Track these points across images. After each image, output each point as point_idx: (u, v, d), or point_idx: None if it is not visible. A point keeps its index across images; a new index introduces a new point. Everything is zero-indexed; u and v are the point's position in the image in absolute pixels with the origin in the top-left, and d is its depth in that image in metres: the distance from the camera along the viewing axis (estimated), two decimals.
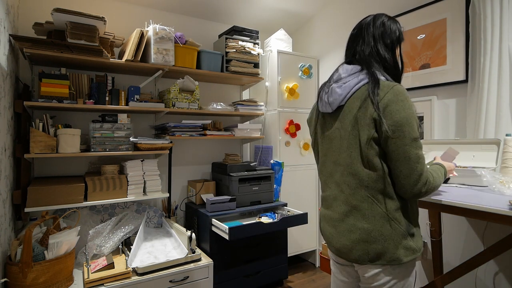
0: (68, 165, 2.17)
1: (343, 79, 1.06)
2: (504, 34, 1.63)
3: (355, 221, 1.02)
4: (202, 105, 2.59)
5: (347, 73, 1.06)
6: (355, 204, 1.02)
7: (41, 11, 2.09)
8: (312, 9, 2.87)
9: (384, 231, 0.98)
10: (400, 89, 0.98)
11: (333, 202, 1.10)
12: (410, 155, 0.94)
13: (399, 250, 0.98)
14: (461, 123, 1.89)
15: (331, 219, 1.10)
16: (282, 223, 2.12)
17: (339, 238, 1.06)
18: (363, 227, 1.00)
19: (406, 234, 0.99)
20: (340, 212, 1.06)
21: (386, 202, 0.99)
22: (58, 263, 1.47)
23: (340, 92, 1.05)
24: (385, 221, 0.98)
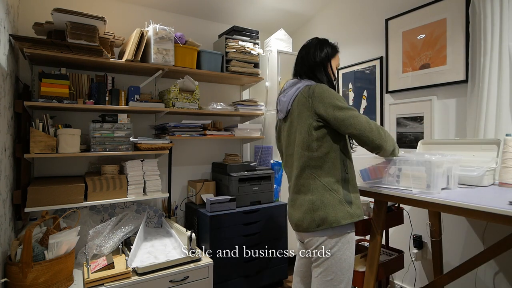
0: (68, 165, 2.17)
1: (286, 90, 1.36)
2: (504, 34, 1.63)
3: (304, 196, 1.27)
4: (202, 105, 2.59)
5: (288, 85, 1.37)
6: (303, 182, 1.28)
7: (41, 11, 2.10)
8: (312, 9, 2.87)
9: (324, 200, 1.22)
10: (321, 86, 1.26)
11: (292, 186, 1.35)
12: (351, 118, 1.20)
13: (338, 213, 1.21)
14: (461, 123, 1.89)
15: (291, 200, 1.35)
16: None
17: (295, 213, 1.30)
18: (309, 199, 1.25)
19: (343, 201, 1.22)
20: (295, 192, 1.32)
21: (325, 177, 1.24)
22: (58, 263, 1.47)
23: (284, 100, 1.35)
24: (325, 192, 1.23)
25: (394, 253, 1.96)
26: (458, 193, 1.31)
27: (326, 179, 1.23)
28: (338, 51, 1.41)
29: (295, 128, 1.31)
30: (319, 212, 1.22)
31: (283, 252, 2.43)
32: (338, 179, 1.24)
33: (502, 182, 1.44)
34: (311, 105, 1.23)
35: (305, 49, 1.40)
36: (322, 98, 1.22)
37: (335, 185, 1.23)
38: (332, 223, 1.20)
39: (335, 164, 1.24)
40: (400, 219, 1.88)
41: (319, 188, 1.23)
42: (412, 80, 2.12)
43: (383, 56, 2.33)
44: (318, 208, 1.22)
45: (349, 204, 1.23)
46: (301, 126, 1.27)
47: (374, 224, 1.53)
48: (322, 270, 1.24)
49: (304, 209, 1.26)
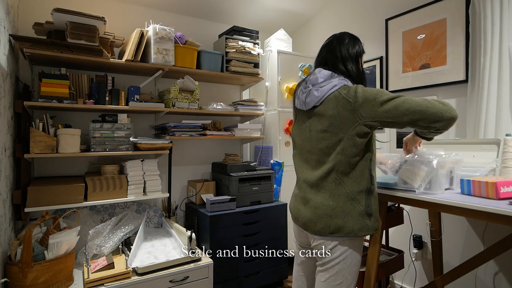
0: (68, 165, 2.17)
1: (319, 84, 1.24)
2: (504, 34, 1.63)
3: (323, 199, 1.20)
4: (202, 105, 2.59)
5: (322, 76, 1.25)
6: (325, 185, 1.21)
7: (41, 11, 2.10)
8: (312, 9, 2.87)
9: (345, 208, 1.17)
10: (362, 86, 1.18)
11: (305, 183, 1.28)
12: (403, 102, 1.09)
13: (356, 225, 1.16)
14: (461, 123, 1.89)
15: (302, 198, 1.28)
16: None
17: (306, 213, 1.24)
18: (329, 204, 1.19)
19: (364, 213, 1.17)
20: (310, 192, 1.25)
21: (351, 184, 1.18)
22: (58, 263, 1.47)
23: (317, 94, 1.23)
24: (347, 200, 1.17)
25: (394, 253, 1.96)
26: (458, 193, 1.31)
27: (351, 188, 1.17)
28: (365, 52, 1.37)
29: (325, 128, 1.20)
30: (336, 220, 1.17)
31: (283, 252, 2.43)
32: (363, 190, 1.18)
33: None
34: (355, 109, 1.13)
35: (338, 41, 1.31)
36: (368, 99, 1.12)
37: (359, 195, 1.18)
38: (348, 233, 1.16)
39: (363, 174, 1.19)
40: (400, 219, 1.88)
41: (342, 196, 1.18)
42: (412, 80, 2.12)
43: (383, 56, 2.33)
44: (337, 216, 1.17)
45: (369, 217, 1.19)
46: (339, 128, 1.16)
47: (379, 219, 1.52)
48: (332, 274, 1.19)
49: (320, 213, 1.20)
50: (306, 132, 1.28)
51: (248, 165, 2.40)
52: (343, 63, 1.27)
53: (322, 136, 1.22)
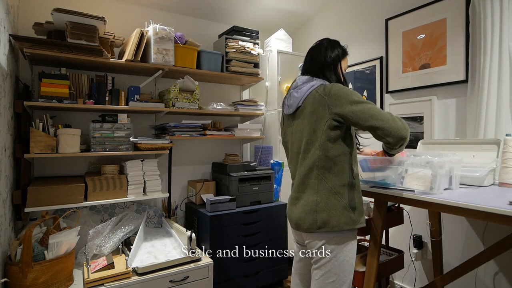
0: (68, 165, 2.17)
1: (299, 86, 1.32)
2: (504, 34, 1.63)
3: (309, 196, 1.25)
4: (202, 105, 2.59)
5: (301, 81, 1.33)
6: (309, 182, 1.26)
7: (41, 11, 2.10)
8: (312, 9, 2.87)
9: (329, 202, 1.21)
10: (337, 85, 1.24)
11: (295, 184, 1.33)
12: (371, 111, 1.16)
13: (340, 218, 1.19)
14: (461, 123, 1.89)
15: (293, 198, 1.33)
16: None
17: (296, 212, 1.29)
18: (313, 200, 1.23)
19: (347, 206, 1.21)
20: (299, 191, 1.30)
21: (332, 179, 1.22)
22: (58, 263, 1.47)
23: (297, 95, 1.31)
24: (330, 195, 1.21)
25: (394, 253, 1.97)
26: (459, 193, 1.31)
27: (333, 182, 1.22)
28: (347, 54, 1.41)
29: (305, 126, 1.28)
30: (321, 214, 1.21)
31: (283, 252, 2.43)
32: (345, 184, 1.22)
33: (502, 182, 1.43)
34: (327, 104, 1.21)
35: (316, 49, 1.39)
36: (339, 96, 1.19)
37: (341, 189, 1.22)
38: (333, 227, 1.19)
39: (344, 168, 1.22)
40: (400, 219, 1.88)
41: (325, 190, 1.22)
42: (412, 80, 2.12)
43: (383, 56, 2.33)
44: (322, 210, 1.21)
45: (353, 210, 1.22)
46: (315, 124, 1.24)
47: (374, 224, 1.53)
48: (324, 272, 1.22)
49: (306, 209, 1.25)
50: (293, 135, 1.35)
51: (248, 165, 2.40)
52: (321, 71, 1.34)
53: (303, 134, 1.29)
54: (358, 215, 1.23)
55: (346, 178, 1.23)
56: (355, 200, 1.24)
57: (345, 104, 1.18)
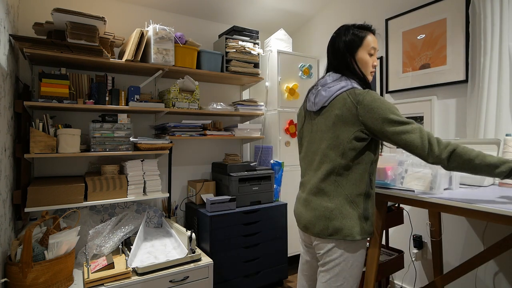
0: (68, 165, 2.17)
1: (328, 84, 1.23)
2: (504, 34, 1.63)
3: (321, 201, 1.20)
4: (202, 105, 2.59)
5: (331, 78, 1.24)
6: (324, 187, 1.20)
7: (41, 11, 2.10)
8: (312, 9, 2.87)
9: (343, 211, 1.16)
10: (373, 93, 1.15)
11: (307, 185, 1.28)
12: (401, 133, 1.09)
13: (354, 228, 1.15)
14: (461, 123, 1.89)
15: (304, 199, 1.28)
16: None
17: (306, 214, 1.24)
18: (327, 206, 1.18)
19: (362, 216, 1.17)
20: (311, 193, 1.25)
21: (350, 187, 1.17)
22: (58, 263, 1.47)
23: (325, 94, 1.22)
24: (346, 203, 1.17)
25: (394, 253, 1.96)
26: (459, 193, 1.31)
27: (350, 190, 1.17)
28: (363, 36, 1.24)
29: (329, 128, 1.20)
30: (335, 222, 1.16)
31: (283, 252, 2.43)
32: (362, 193, 1.18)
33: (502, 182, 1.44)
34: (357, 114, 1.13)
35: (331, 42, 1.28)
36: (372, 109, 1.11)
37: (357, 198, 1.17)
38: (346, 236, 1.15)
39: (363, 177, 1.18)
40: (400, 219, 1.88)
41: (341, 197, 1.17)
42: (412, 80, 2.12)
43: (383, 56, 2.33)
44: (335, 218, 1.16)
45: (366, 220, 1.18)
46: (341, 131, 1.16)
47: (374, 224, 1.52)
48: (332, 275, 1.19)
49: (318, 214, 1.20)
50: (313, 133, 1.28)
51: (248, 165, 2.40)
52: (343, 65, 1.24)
53: (325, 137, 1.22)
54: (370, 225, 1.20)
55: (363, 187, 1.18)
56: (369, 210, 1.20)
57: (377, 120, 1.10)
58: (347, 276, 1.18)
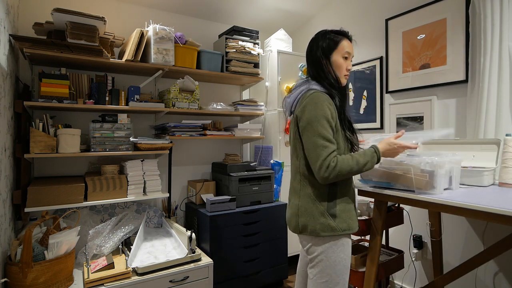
0: (68, 165, 2.17)
1: (293, 90, 1.32)
2: (504, 34, 1.63)
3: (293, 199, 1.30)
4: (202, 105, 2.58)
5: (296, 85, 1.34)
6: (294, 186, 1.31)
7: (41, 11, 2.09)
8: (312, 9, 2.87)
9: (307, 208, 1.23)
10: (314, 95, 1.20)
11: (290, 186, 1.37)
12: (312, 144, 1.16)
13: (316, 225, 1.20)
14: (461, 123, 1.89)
15: (288, 199, 1.38)
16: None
17: (287, 213, 1.35)
18: (296, 204, 1.27)
19: (325, 213, 1.20)
20: (289, 193, 1.35)
21: (312, 185, 1.23)
22: (58, 263, 1.47)
23: (289, 101, 1.33)
24: (310, 200, 1.23)
25: (394, 253, 1.96)
26: (458, 193, 1.31)
27: (312, 188, 1.23)
28: (342, 38, 1.28)
29: (291, 132, 1.32)
30: (301, 219, 1.24)
31: (283, 252, 2.43)
32: (324, 191, 1.22)
33: (502, 182, 1.44)
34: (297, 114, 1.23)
35: (309, 45, 1.35)
36: (304, 111, 1.19)
37: (320, 197, 1.22)
38: (311, 232, 1.21)
39: None
40: (400, 219, 1.88)
41: (305, 196, 1.24)
42: (412, 80, 2.12)
43: (383, 56, 2.33)
44: (302, 215, 1.24)
45: (332, 217, 1.20)
46: (294, 132, 1.28)
47: (374, 224, 1.53)
48: (317, 271, 1.23)
49: (292, 212, 1.29)
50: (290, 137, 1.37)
51: (248, 165, 2.40)
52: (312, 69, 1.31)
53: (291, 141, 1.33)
54: (340, 221, 1.20)
55: (324, 186, 1.22)
56: (335, 208, 1.21)
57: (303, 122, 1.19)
58: (331, 272, 1.21)
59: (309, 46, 1.34)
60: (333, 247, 1.20)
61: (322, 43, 1.29)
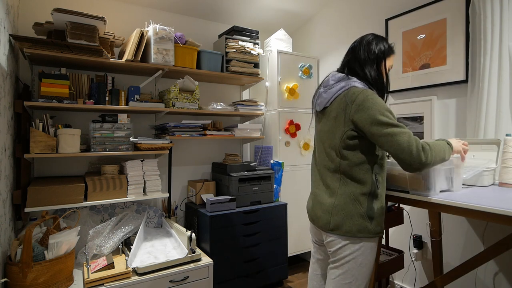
0: (68, 165, 2.17)
1: (330, 86, 1.27)
2: (504, 34, 1.63)
3: (327, 196, 1.25)
4: (202, 105, 2.59)
5: (333, 80, 1.27)
6: (329, 184, 1.25)
7: (41, 11, 2.09)
8: (312, 9, 2.87)
9: (346, 208, 1.18)
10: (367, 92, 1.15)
11: (316, 181, 1.33)
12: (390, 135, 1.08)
13: (354, 225, 1.17)
14: (461, 123, 1.89)
15: (313, 194, 1.34)
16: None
17: (314, 208, 1.30)
18: (331, 202, 1.22)
19: (364, 215, 1.17)
20: (319, 189, 1.30)
21: (353, 186, 1.19)
22: (58, 263, 1.47)
23: (325, 96, 1.27)
24: (349, 200, 1.19)
25: (394, 253, 1.96)
26: (459, 193, 1.31)
27: (353, 188, 1.18)
28: (393, 52, 1.30)
29: (329, 129, 1.24)
30: (336, 217, 1.19)
31: (283, 252, 2.43)
32: (366, 192, 1.18)
33: (502, 182, 1.43)
34: (349, 112, 1.15)
35: (360, 42, 1.29)
36: (363, 108, 1.12)
37: (361, 197, 1.18)
38: (346, 232, 1.17)
39: (366, 176, 1.18)
40: (400, 219, 1.88)
41: (344, 195, 1.19)
42: (412, 80, 2.12)
43: None
44: (337, 213, 1.19)
45: (370, 220, 1.18)
46: (336, 130, 1.20)
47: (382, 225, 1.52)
48: (341, 272, 1.20)
49: (323, 208, 1.24)
50: (320, 133, 1.32)
51: (248, 165, 2.40)
52: (361, 66, 1.25)
53: (326, 137, 1.26)
54: (376, 225, 1.19)
55: (368, 186, 1.18)
56: (374, 210, 1.19)
57: (366, 119, 1.11)
58: (356, 274, 1.18)
59: (367, 41, 1.27)
60: (363, 249, 1.18)
61: (382, 45, 1.27)
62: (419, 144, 1.08)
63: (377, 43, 1.26)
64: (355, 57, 1.27)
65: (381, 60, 1.25)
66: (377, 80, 1.24)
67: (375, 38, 1.28)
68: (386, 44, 1.28)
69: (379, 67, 1.25)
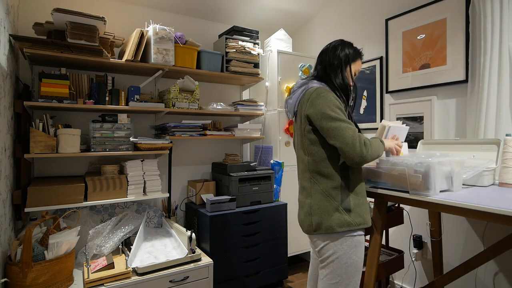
0: (68, 165, 2.17)
1: (293, 92, 1.35)
2: (504, 34, 1.63)
3: (305, 198, 1.29)
4: (202, 105, 2.58)
5: (296, 86, 1.36)
6: (304, 185, 1.31)
7: (41, 11, 2.09)
8: (312, 9, 2.87)
9: (321, 205, 1.22)
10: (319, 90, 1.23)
11: (299, 188, 1.37)
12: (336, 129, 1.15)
13: (332, 221, 1.20)
14: (461, 123, 1.89)
15: (298, 200, 1.37)
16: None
17: (300, 214, 1.33)
18: (308, 202, 1.27)
19: (340, 208, 1.20)
20: (300, 193, 1.35)
21: (323, 182, 1.23)
22: (58, 263, 1.47)
23: (291, 102, 1.36)
24: (323, 197, 1.23)
25: (394, 253, 1.96)
26: (459, 193, 1.31)
27: (324, 185, 1.23)
28: (361, 57, 1.37)
29: (297, 130, 1.33)
30: (315, 217, 1.23)
31: (283, 252, 2.43)
32: (337, 186, 1.22)
33: (502, 182, 1.43)
34: (304, 109, 1.25)
35: (327, 47, 1.37)
36: (315, 104, 1.21)
37: (334, 192, 1.22)
38: (326, 229, 1.20)
39: (333, 170, 1.22)
40: (400, 219, 1.88)
41: (318, 193, 1.24)
42: (412, 80, 2.12)
43: (383, 56, 2.33)
44: (315, 213, 1.23)
45: (347, 212, 1.21)
46: (301, 129, 1.29)
47: (374, 224, 1.53)
48: (328, 272, 1.22)
49: (304, 212, 1.29)
50: (294, 139, 1.40)
51: (248, 165, 2.40)
52: (325, 70, 1.33)
53: (297, 140, 1.35)
54: (355, 216, 1.21)
55: (338, 180, 1.22)
56: (349, 202, 1.22)
57: (316, 113, 1.20)
58: (342, 273, 1.20)
59: (333, 47, 1.35)
60: (345, 248, 1.20)
61: (348, 50, 1.33)
62: (362, 139, 1.16)
63: (343, 48, 1.33)
64: (321, 61, 1.36)
65: (345, 65, 1.32)
66: (342, 84, 1.30)
67: (341, 43, 1.35)
68: (351, 49, 1.34)
69: (343, 71, 1.32)
